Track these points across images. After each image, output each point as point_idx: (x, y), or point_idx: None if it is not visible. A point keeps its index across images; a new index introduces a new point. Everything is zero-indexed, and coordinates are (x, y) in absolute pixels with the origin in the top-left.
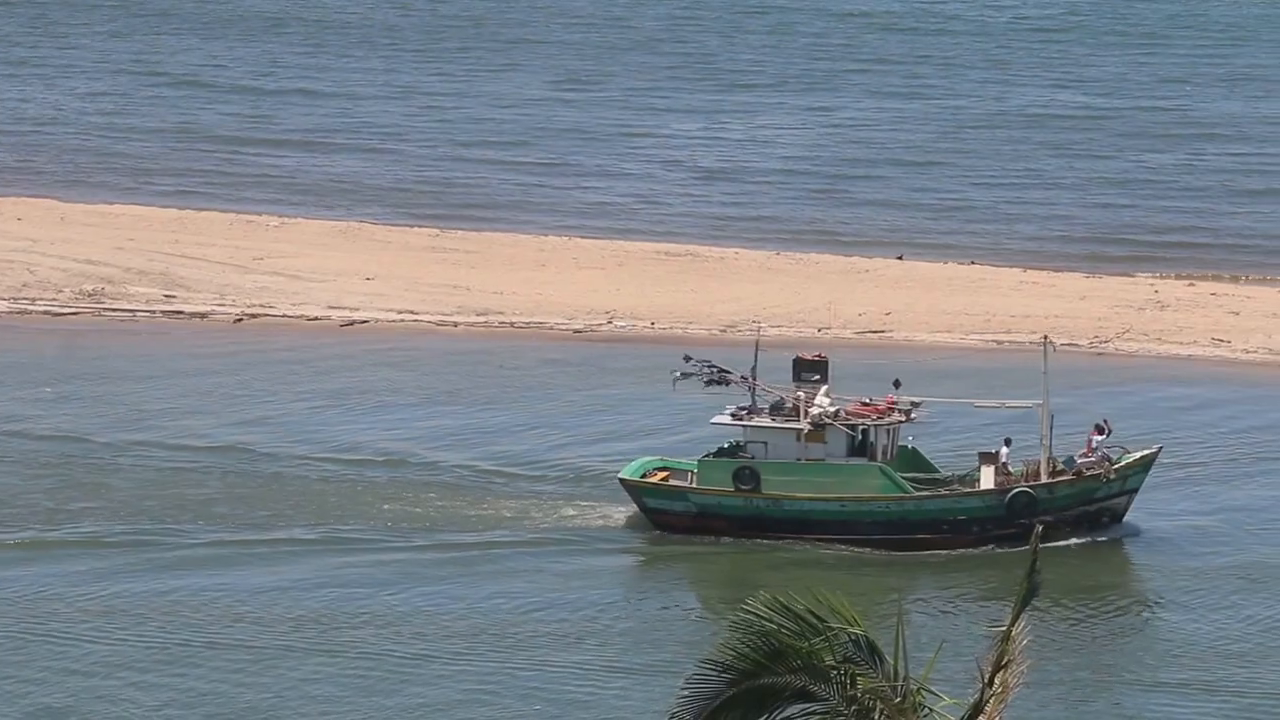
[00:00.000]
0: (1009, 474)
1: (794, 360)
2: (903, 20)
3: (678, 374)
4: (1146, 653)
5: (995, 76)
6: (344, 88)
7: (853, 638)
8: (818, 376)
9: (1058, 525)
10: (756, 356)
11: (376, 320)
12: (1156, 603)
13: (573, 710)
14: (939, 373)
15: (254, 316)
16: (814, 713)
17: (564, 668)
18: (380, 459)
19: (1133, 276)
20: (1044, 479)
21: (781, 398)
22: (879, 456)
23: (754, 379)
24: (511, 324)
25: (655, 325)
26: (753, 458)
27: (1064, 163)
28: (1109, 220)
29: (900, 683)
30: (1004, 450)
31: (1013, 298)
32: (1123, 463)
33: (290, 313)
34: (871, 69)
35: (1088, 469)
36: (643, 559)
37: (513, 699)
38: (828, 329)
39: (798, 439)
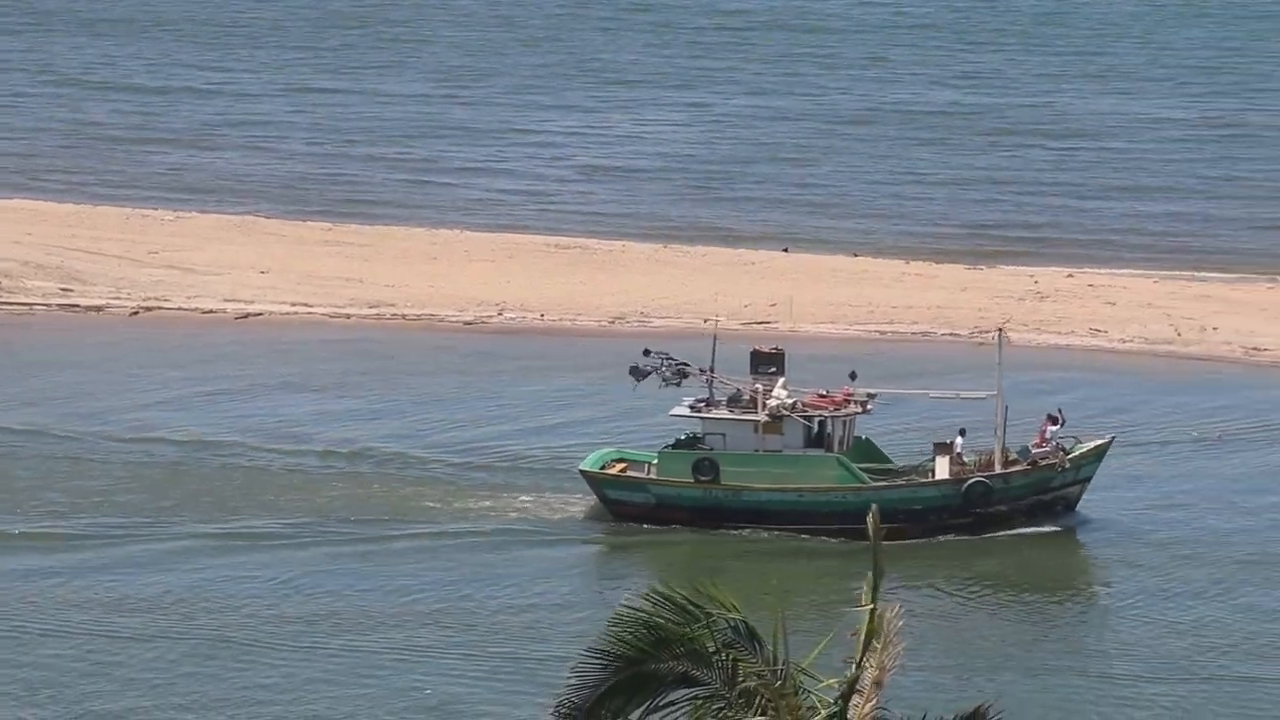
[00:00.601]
0: (963, 464)
1: (751, 353)
2: (782, 18)
3: (636, 367)
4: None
5: (873, 74)
6: (232, 85)
7: (733, 624)
8: (774, 369)
9: (1013, 514)
10: (714, 350)
11: (271, 313)
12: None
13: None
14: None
15: (150, 309)
16: (696, 697)
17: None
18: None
19: (1012, 268)
20: (998, 469)
21: (739, 390)
22: (835, 447)
23: (712, 372)
24: (404, 316)
25: (545, 317)
26: (711, 449)
27: (941, 158)
28: (985, 215)
29: (780, 667)
30: (959, 440)
31: (895, 289)
32: (1076, 453)
33: (185, 305)
34: (751, 66)
35: (1042, 459)
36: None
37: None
38: (714, 320)
39: (755, 430)
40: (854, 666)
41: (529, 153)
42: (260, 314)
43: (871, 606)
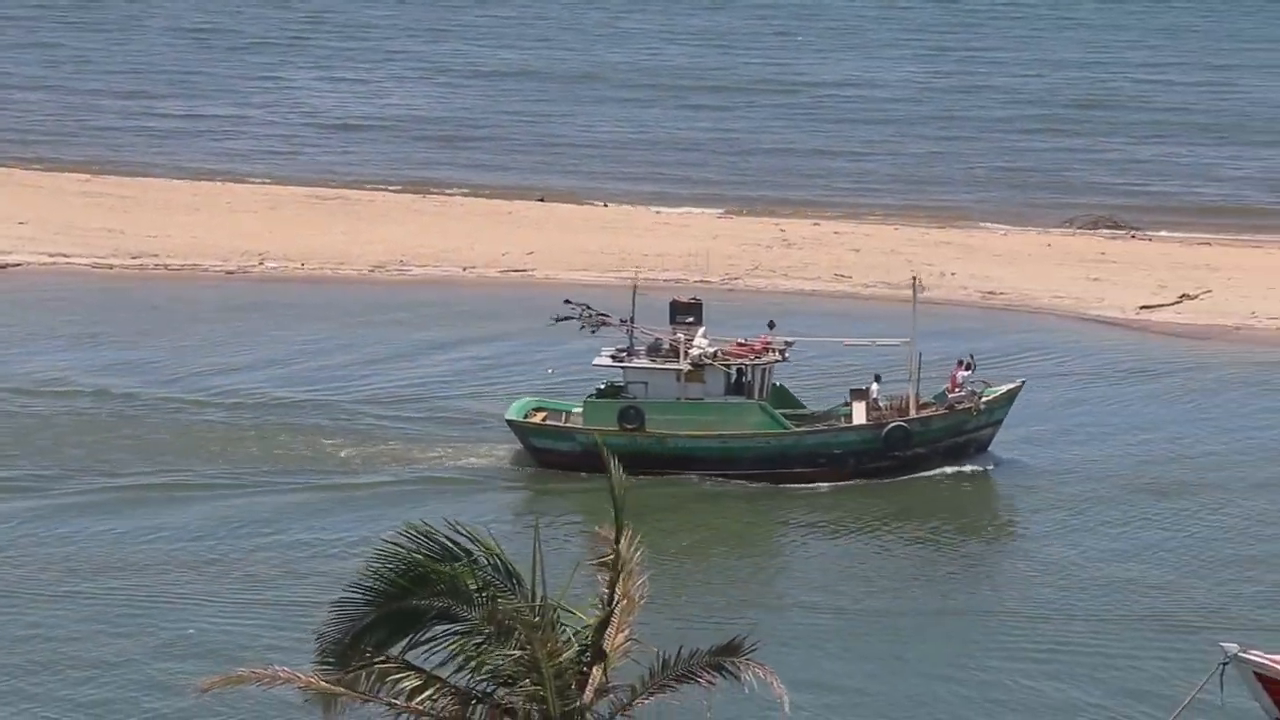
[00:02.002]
0: (879, 409)
1: (670, 303)
2: None
3: (555, 316)
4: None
5: (610, 33)
6: None
7: (492, 562)
8: (692, 319)
9: (930, 457)
10: (634, 301)
11: (28, 263)
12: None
13: None
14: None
15: None
16: (456, 633)
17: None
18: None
19: (761, 218)
20: (913, 413)
21: (658, 339)
22: (755, 395)
23: (633, 322)
24: (166, 266)
25: (306, 266)
26: (634, 398)
27: (686, 115)
28: (737, 164)
29: (539, 603)
30: (874, 386)
31: (647, 238)
32: (989, 397)
33: None
34: (494, 20)
35: (957, 403)
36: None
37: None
38: (472, 268)
39: (678, 379)
40: (604, 598)
41: (285, 106)
42: (19, 264)
43: (614, 540)
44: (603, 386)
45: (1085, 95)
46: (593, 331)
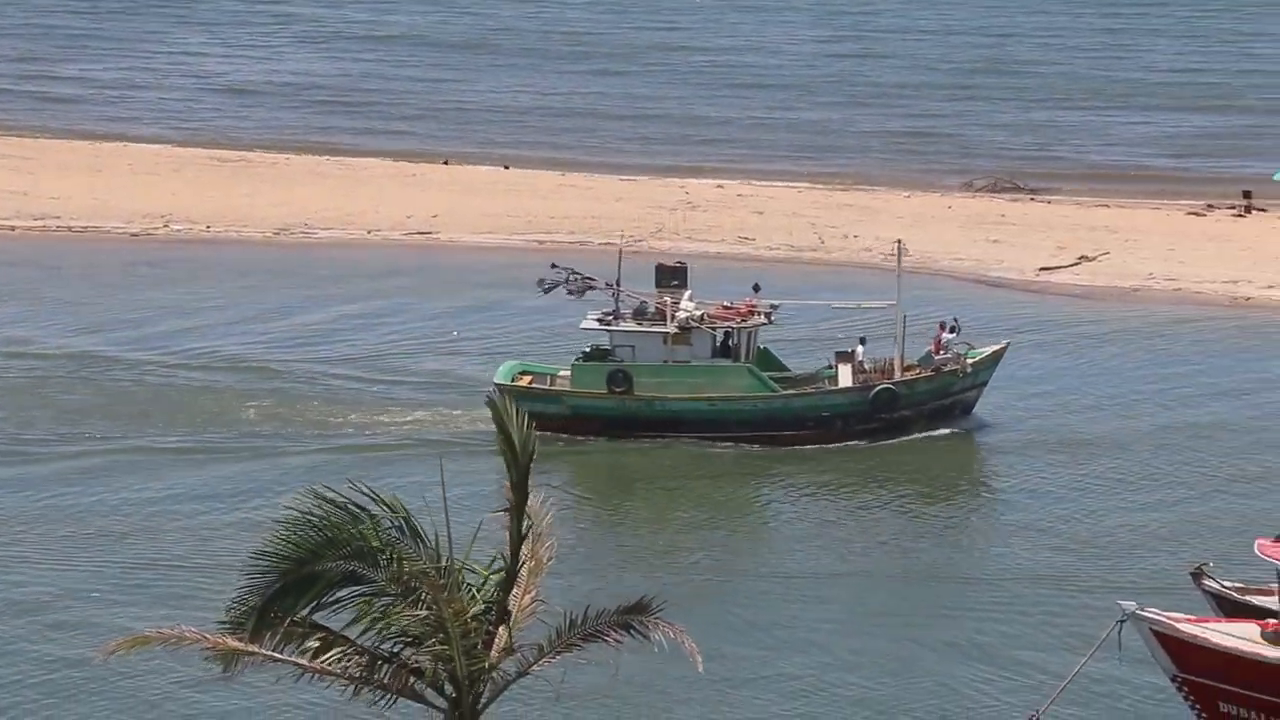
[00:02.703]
0: (865, 371)
1: (656, 267)
2: None
3: (544, 281)
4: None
5: None
6: None
7: (397, 524)
8: (677, 282)
9: (916, 419)
10: (620, 265)
11: None
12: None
13: None
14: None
15: None
16: (363, 594)
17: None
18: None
19: (664, 179)
20: (898, 375)
21: (644, 302)
22: (741, 357)
23: (619, 286)
24: (69, 228)
25: (210, 228)
26: (621, 361)
27: (583, 80)
28: (636, 128)
29: (445, 563)
30: (859, 349)
31: (552, 200)
32: (975, 359)
33: None
34: None
35: (944, 365)
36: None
37: None
38: (377, 231)
39: (665, 342)
40: (508, 560)
41: (178, 70)
42: None
43: (518, 502)
44: (588, 350)
45: (983, 59)
46: (580, 295)
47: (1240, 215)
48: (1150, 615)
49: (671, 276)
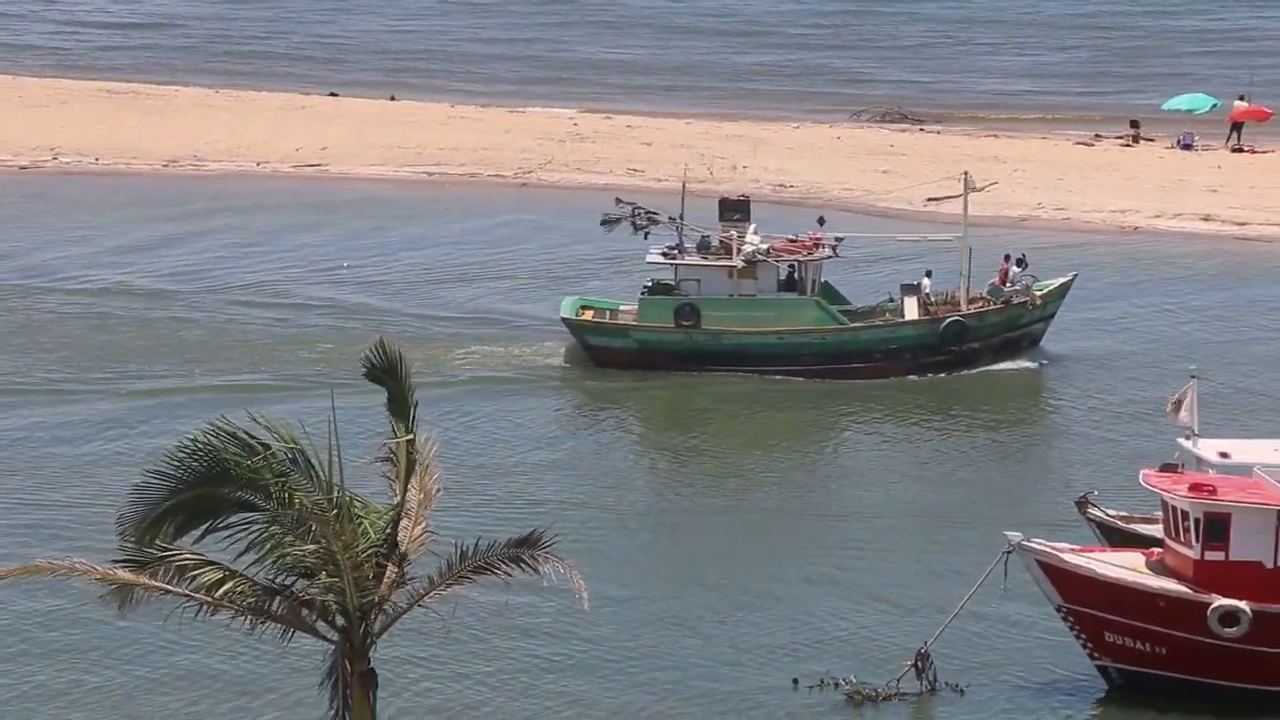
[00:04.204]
0: (930, 304)
1: (719, 201)
2: None
3: (607, 216)
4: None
5: None
6: None
7: (290, 455)
8: (740, 216)
9: (984, 352)
10: (683, 199)
11: None
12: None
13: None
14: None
15: None
16: (254, 523)
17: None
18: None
19: (553, 111)
20: (964, 308)
21: (706, 236)
22: (807, 291)
23: (682, 220)
24: None
25: (100, 161)
26: (687, 295)
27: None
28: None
29: (335, 495)
30: (925, 281)
31: (441, 131)
32: (1044, 290)
33: None
34: None
35: (1014, 297)
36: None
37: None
38: (266, 163)
39: (730, 276)
40: (398, 493)
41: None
42: None
43: (409, 436)
44: (650, 284)
45: None
46: (645, 234)
47: (1128, 145)
48: (1035, 546)
49: (734, 210)
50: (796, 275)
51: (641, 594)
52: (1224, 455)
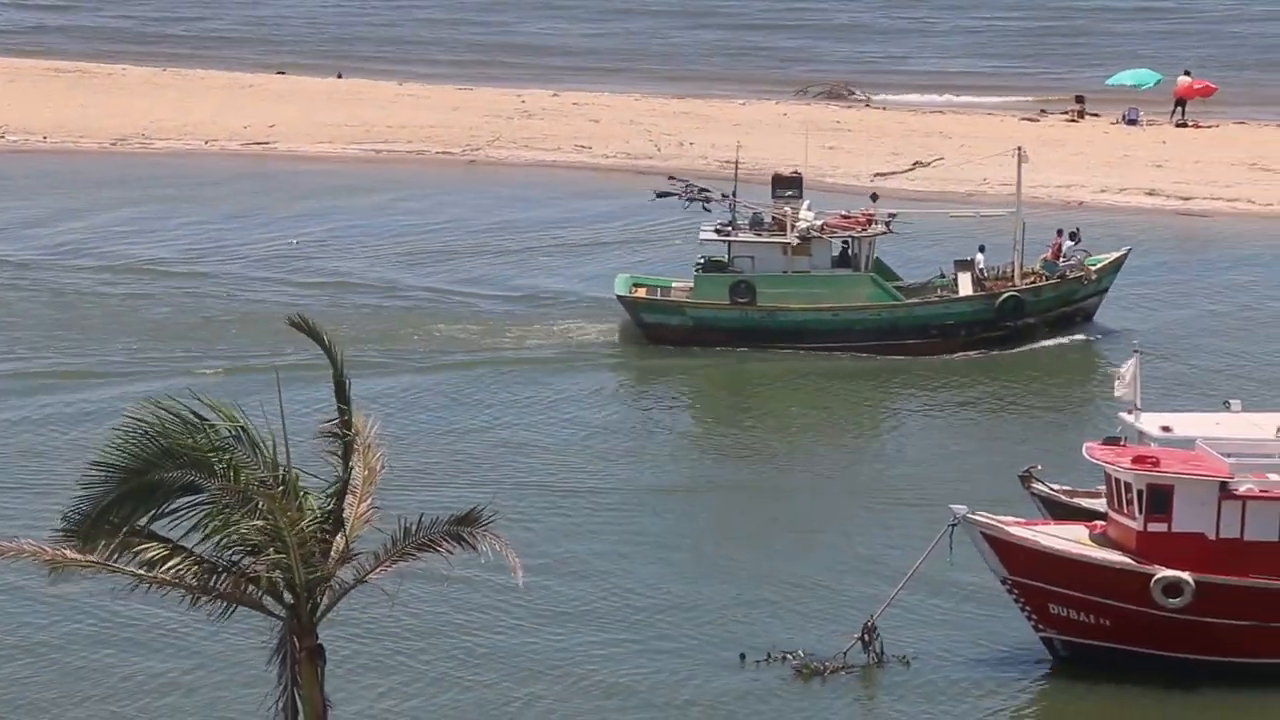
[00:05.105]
0: (984, 279)
1: (772, 177)
2: None
3: (657, 192)
4: None
5: None
6: None
7: (234, 432)
8: (793, 192)
9: (1039, 326)
10: (736, 176)
11: None
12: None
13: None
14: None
15: None
16: (200, 504)
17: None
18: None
19: (500, 88)
20: (1016, 283)
21: (758, 213)
22: (861, 267)
23: (735, 197)
24: None
25: (48, 139)
26: (740, 272)
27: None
28: (471, 37)
29: (280, 471)
30: (979, 257)
31: (389, 110)
32: (1099, 265)
33: None
34: None
35: (1069, 271)
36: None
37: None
38: (215, 141)
39: (784, 252)
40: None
41: None
42: None
43: (346, 413)
44: (702, 261)
45: None
46: (703, 208)
47: (1074, 120)
48: (980, 519)
49: (787, 186)
50: (850, 251)
51: (593, 566)
52: (1166, 429)
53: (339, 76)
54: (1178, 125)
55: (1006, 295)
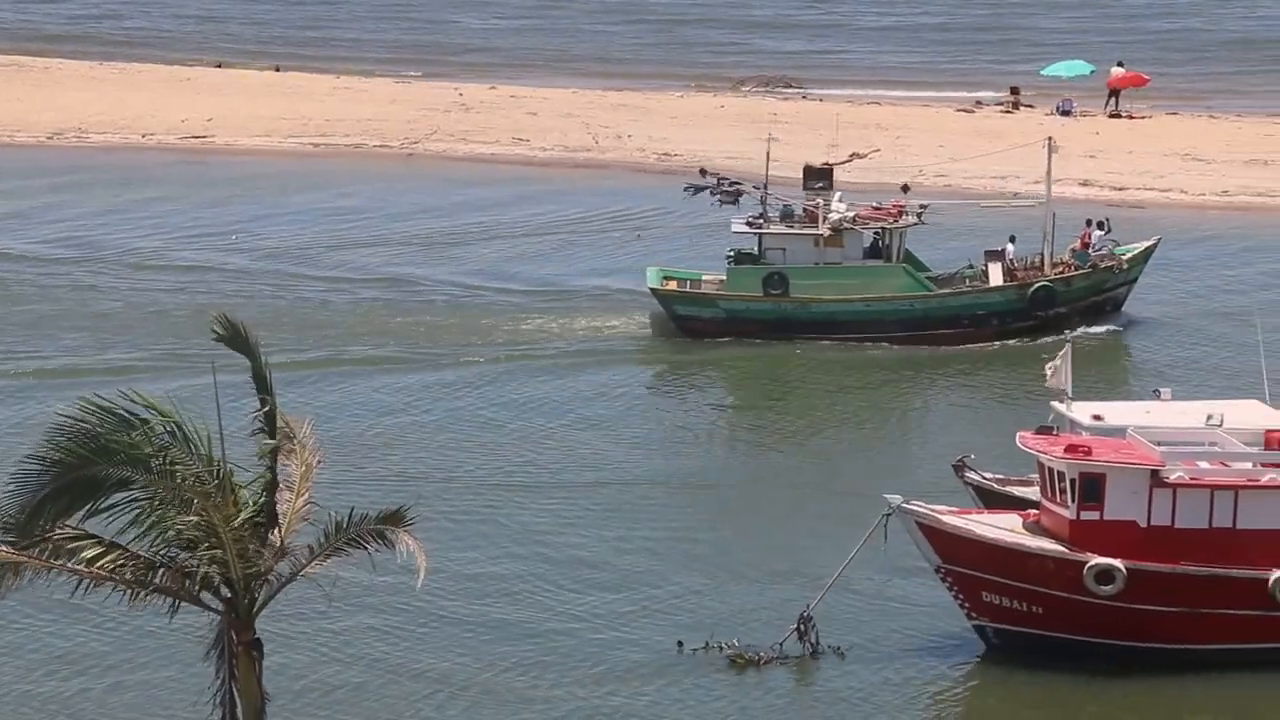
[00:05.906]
0: (1015, 269)
1: (804, 169)
2: None
3: (689, 186)
4: None
5: None
6: None
7: (169, 429)
8: (823, 184)
9: (1070, 316)
10: (767, 167)
11: None
12: None
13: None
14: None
15: None
16: (136, 500)
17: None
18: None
19: (438, 82)
20: (1047, 273)
21: (789, 205)
22: (893, 258)
23: (766, 189)
24: None
25: None
26: (771, 264)
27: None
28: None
29: (216, 467)
30: (1010, 247)
31: (327, 103)
32: (1129, 254)
33: None
34: None
35: (1100, 261)
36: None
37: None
38: (152, 135)
39: (816, 244)
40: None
41: None
42: None
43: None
44: (732, 253)
45: None
46: (734, 202)
47: (1008, 112)
48: (914, 508)
49: (818, 178)
50: (881, 243)
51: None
52: (1097, 418)
53: (277, 70)
54: (1111, 116)
55: (1039, 285)
